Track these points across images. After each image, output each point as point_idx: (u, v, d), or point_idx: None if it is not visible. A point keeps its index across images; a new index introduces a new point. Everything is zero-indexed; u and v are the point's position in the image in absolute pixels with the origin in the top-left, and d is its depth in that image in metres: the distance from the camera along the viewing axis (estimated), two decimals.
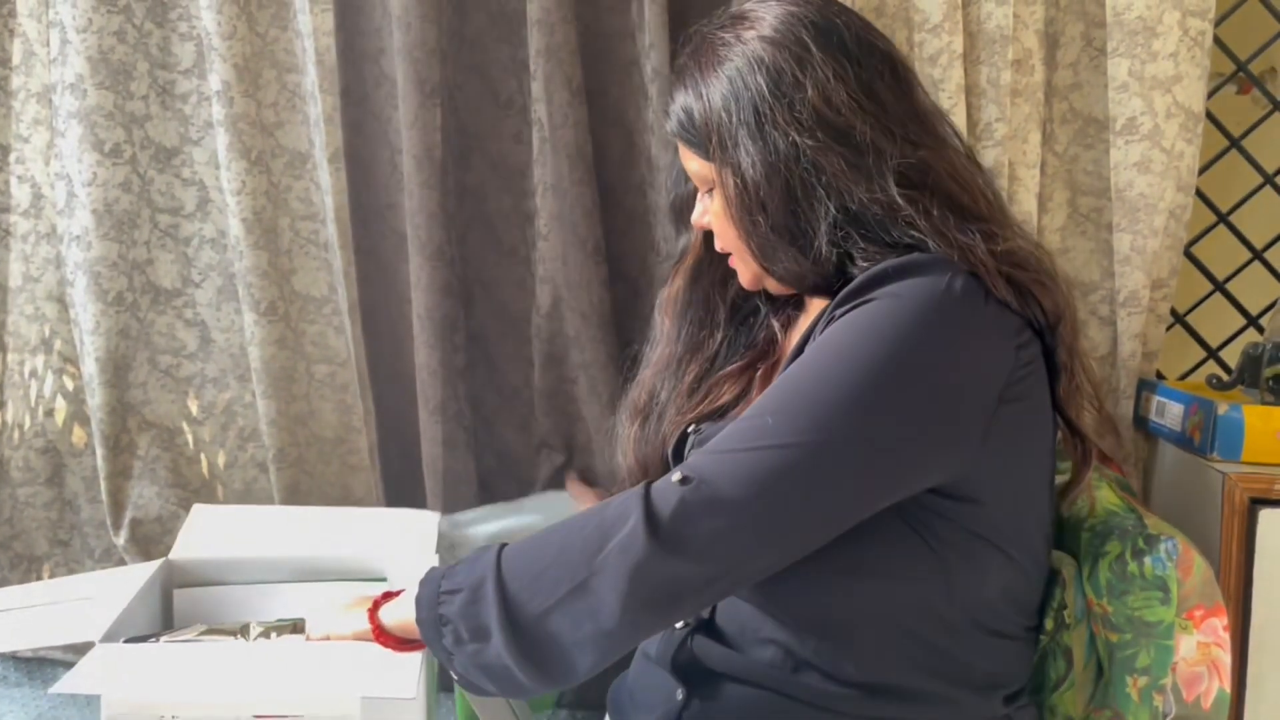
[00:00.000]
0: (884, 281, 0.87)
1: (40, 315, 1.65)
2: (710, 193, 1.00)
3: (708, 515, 0.82)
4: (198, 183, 1.61)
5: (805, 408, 0.84)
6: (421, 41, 1.43)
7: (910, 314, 0.85)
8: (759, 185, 0.92)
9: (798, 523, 0.84)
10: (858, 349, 0.85)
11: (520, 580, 0.85)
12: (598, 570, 0.82)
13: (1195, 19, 1.36)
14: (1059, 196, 1.48)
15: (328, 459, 1.63)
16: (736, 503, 0.82)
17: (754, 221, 0.94)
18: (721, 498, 0.82)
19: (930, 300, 0.85)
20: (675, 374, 1.09)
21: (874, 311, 0.86)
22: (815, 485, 0.83)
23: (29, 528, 1.67)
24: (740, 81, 0.93)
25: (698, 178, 1.01)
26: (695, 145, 0.97)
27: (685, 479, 0.83)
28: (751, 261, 0.99)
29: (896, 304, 0.85)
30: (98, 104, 1.55)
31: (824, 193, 0.91)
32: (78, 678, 0.88)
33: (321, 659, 0.94)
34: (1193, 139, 1.39)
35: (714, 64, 0.95)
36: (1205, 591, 0.94)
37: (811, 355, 0.87)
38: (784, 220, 0.93)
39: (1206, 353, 1.59)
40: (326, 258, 1.60)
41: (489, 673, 0.86)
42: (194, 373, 1.64)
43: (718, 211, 0.98)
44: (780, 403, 0.85)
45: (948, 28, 1.37)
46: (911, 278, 0.86)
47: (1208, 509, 1.22)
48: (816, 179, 0.91)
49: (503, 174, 1.53)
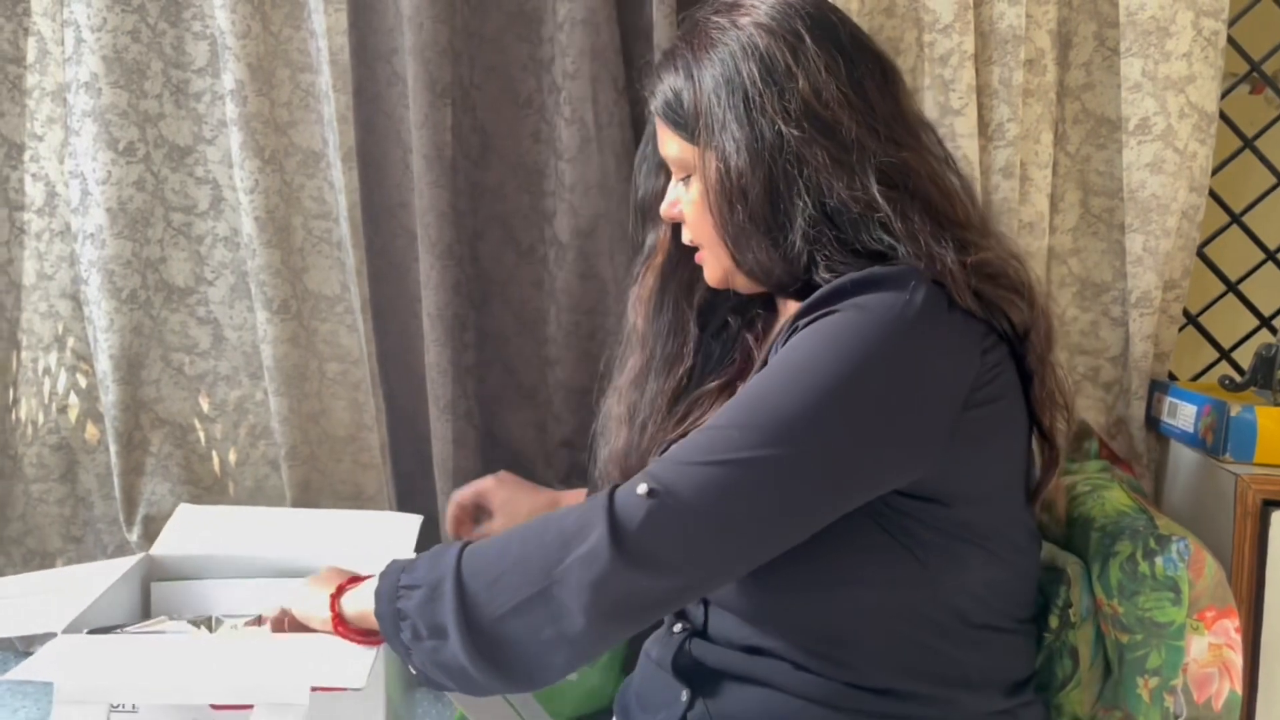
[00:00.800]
0: (846, 295, 0.87)
1: (54, 313, 1.66)
2: (686, 180, 0.99)
3: (674, 529, 0.82)
4: (211, 181, 1.62)
5: (768, 421, 0.83)
6: (433, 41, 1.44)
7: (871, 326, 0.84)
8: (741, 172, 0.92)
9: (763, 533, 0.84)
10: (819, 361, 0.84)
11: (479, 581, 0.85)
12: (559, 580, 0.82)
13: (1209, 19, 1.35)
14: (1071, 197, 1.48)
15: (339, 457, 1.64)
16: (702, 516, 0.82)
17: (732, 208, 0.93)
18: (687, 511, 0.82)
19: (891, 312, 0.85)
20: (653, 384, 1.07)
21: (836, 324, 0.86)
22: (779, 497, 0.83)
23: (42, 524, 1.68)
24: (732, 65, 0.92)
25: (676, 163, 0.99)
26: (680, 127, 0.96)
27: (652, 491, 0.82)
28: (722, 253, 0.97)
29: (858, 316, 0.85)
30: (112, 103, 1.56)
31: (804, 186, 0.91)
32: (32, 665, 0.89)
33: (278, 649, 0.95)
34: (1206, 139, 1.38)
35: (707, 47, 0.94)
36: (1217, 593, 0.93)
37: (774, 367, 0.87)
38: (762, 210, 0.92)
39: (1219, 353, 1.59)
40: (339, 256, 1.61)
41: (446, 670, 0.86)
42: (206, 370, 1.65)
43: (694, 199, 0.97)
44: (744, 415, 0.85)
45: (959, 28, 1.37)
46: (874, 291, 0.86)
47: (1220, 511, 1.22)
48: (799, 171, 0.90)
49: (521, 174, 1.54)
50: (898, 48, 1.43)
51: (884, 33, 1.42)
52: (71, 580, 1.14)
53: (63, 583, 1.14)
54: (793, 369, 0.85)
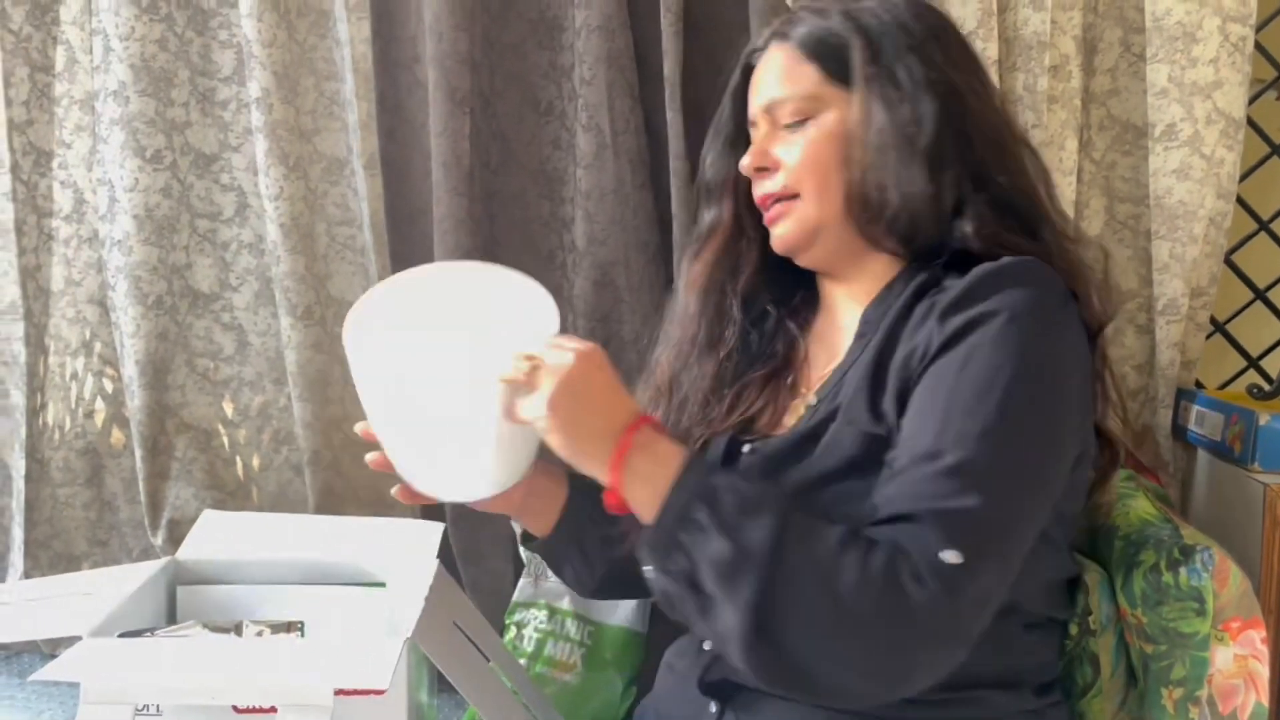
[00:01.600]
0: (993, 288, 0.85)
1: (81, 318, 1.68)
2: (798, 125, 0.97)
3: (984, 600, 0.79)
4: (236, 188, 1.64)
5: (1015, 466, 0.81)
6: (453, 50, 1.45)
7: (1044, 324, 0.85)
8: (913, 115, 0.93)
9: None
10: (1029, 375, 0.83)
11: (791, 601, 0.76)
12: (896, 650, 0.76)
13: (1236, 24, 1.34)
14: (1096, 203, 1.47)
15: (361, 462, 1.63)
16: (1004, 575, 0.80)
17: (895, 146, 0.93)
18: (992, 577, 0.79)
19: (1053, 307, 0.87)
20: (696, 361, 1.06)
21: (1012, 329, 0.84)
22: (1036, 505, 0.84)
23: (68, 527, 1.69)
24: (903, 16, 0.97)
25: (799, 101, 0.97)
26: (826, 61, 0.96)
27: (967, 566, 0.76)
28: (834, 198, 0.95)
29: (1029, 317, 0.84)
30: (139, 111, 1.57)
31: (970, 141, 0.94)
32: (58, 666, 0.89)
33: (300, 651, 0.95)
34: (1233, 145, 1.37)
35: (864, 3, 0.99)
36: (1242, 603, 0.92)
37: (980, 396, 0.82)
38: (928, 151, 0.92)
39: (1247, 361, 1.57)
40: (362, 262, 1.62)
41: (708, 629, 0.79)
42: (231, 376, 1.66)
43: (816, 139, 0.96)
44: (988, 464, 0.80)
45: (982, 34, 1.36)
46: (1027, 286, 0.86)
47: (1248, 521, 1.21)
48: (965, 124, 0.94)
49: (541, 181, 1.54)
50: None
51: None
52: (97, 584, 1.15)
53: (89, 586, 1.15)
54: (998, 380, 0.82)
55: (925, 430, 0.82)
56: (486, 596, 1.53)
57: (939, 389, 0.84)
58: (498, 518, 1.54)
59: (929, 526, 0.76)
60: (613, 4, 1.42)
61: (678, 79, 1.42)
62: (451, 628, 1.11)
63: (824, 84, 0.96)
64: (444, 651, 1.01)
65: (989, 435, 0.79)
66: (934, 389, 0.84)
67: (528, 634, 1.44)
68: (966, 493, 0.77)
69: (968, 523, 0.77)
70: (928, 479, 0.79)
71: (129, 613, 1.07)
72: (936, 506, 0.77)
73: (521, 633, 1.44)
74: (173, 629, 1.07)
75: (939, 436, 0.80)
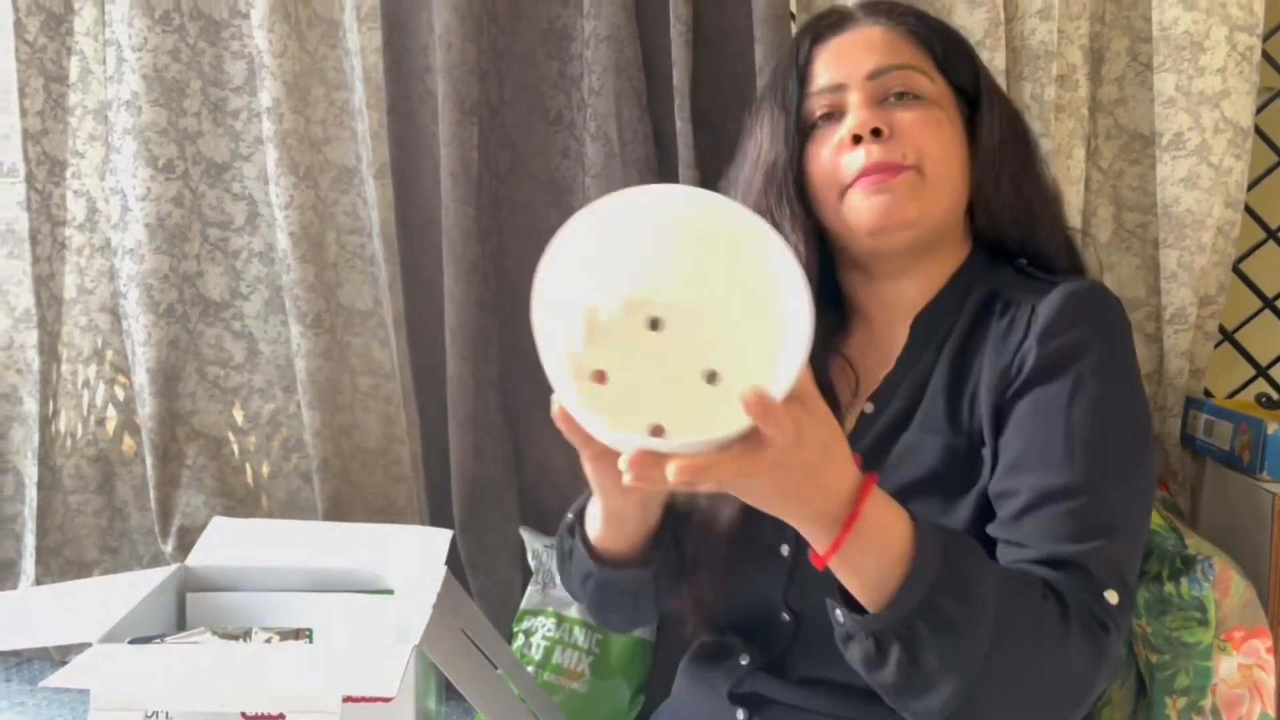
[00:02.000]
0: (1085, 316, 0.89)
1: (93, 326, 1.69)
2: (915, 99, 0.95)
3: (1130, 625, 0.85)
4: (247, 197, 1.65)
5: (1137, 497, 0.86)
6: (461, 60, 1.46)
7: (1132, 354, 0.91)
8: (1014, 129, 0.99)
9: None
10: (1133, 404, 0.88)
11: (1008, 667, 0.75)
12: (1072, 684, 0.78)
13: (1243, 34, 1.34)
14: (1104, 212, 1.47)
15: (371, 469, 1.65)
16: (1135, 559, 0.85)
17: (1013, 150, 0.98)
18: (1132, 602, 0.84)
19: (1129, 331, 0.92)
20: None
21: (1120, 360, 0.89)
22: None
23: (79, 534, 1.70)
24: (968, 45, 1.03)
25: (913, 74, 0.95)
26: (933, 48, 0.98)
27: (1121, 603, 0.81)
28: (954, 189, 0.96)
29: (1121, 340, 0.90)
30: (152, 120, 1.59)
31: (1037, 170, 1.00)
32: (68, 673, 0.90)
33: (308, 658, 0.95)
34: (1241, 154, 1.37)
35: (945, 21, 1.04)
36: (1245, 613, 0.92)
37: (1099, 430, 0.85)
38: (1034, 159, 1.01)
39: (1256, 370, 1.57)
40: (372, 271, 1.62)
41: (903, 695, 0.76)
42: (241, 383, 1.67)
43: (944, 121, 0.95)
44: (1121, 500, 0.84)
45: (989, 44, 1.37)
46: (1109, 313, 0.91)
47: (1257, 530, 1.20)
48: (1034, 142, 1.02)
49: (551, 190, 1.55)
50: None
51: None
52: (108, 590, 1.16)
53: (99, 593, 1.16)
54: (1110, 413, 0.86)
55: (1049, 464, 0.83)
56: (494, 604, 1.54)
57: (1054, 420, 0.85)
58: (505, 524, 1.55)
59: (1090, 572, 0.79)
60: (621, 14, 1.43)
61: (687, 88, 1.42)
62: (459, 635, 1.11)
63: (935, 70, 0.97)
64: (452, 659, 1.01)
65: (1115, 471, 0.84)
66: (1047, 420, 0.85)
67: (535, 641, 1.44)
68: (1111, 534, 0.81)
69: (1117, 562, 0.81)
70: (1070, 518, 0.81)
71: (139, 619, 1.08)
72: (1091, 550, 0.80)
73: (529, 640, 1.45)
74: (182, 635, 1.08)
75: (1067, 472, 0.83)
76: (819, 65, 0.97)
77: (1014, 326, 0.89)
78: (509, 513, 1.56)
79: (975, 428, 0.89)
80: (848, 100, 0.95)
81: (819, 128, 0.97)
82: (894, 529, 0.73)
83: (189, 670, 0.93)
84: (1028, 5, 1.38)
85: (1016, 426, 0.86)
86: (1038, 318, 0.88)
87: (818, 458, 0.68)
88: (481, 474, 1.53)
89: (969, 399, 0.90)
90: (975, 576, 0.74)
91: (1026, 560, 0.80)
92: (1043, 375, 0.86)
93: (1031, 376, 0.86)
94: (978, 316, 0.93)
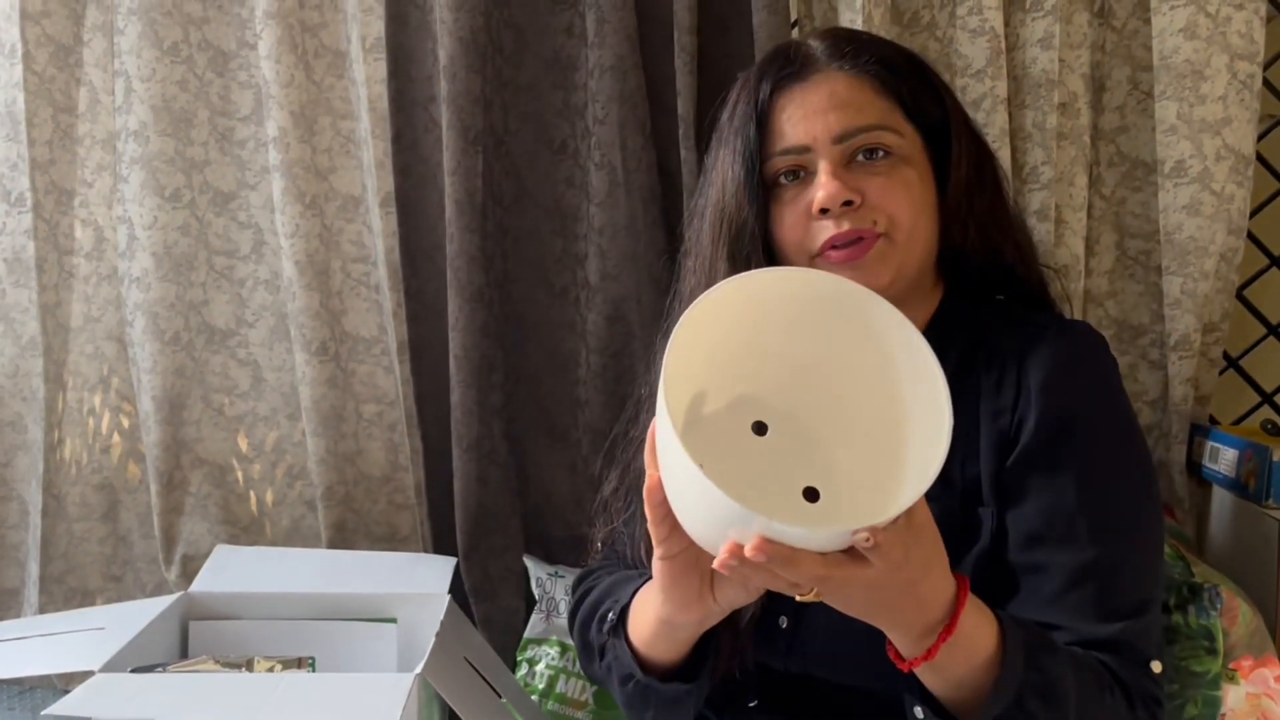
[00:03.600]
0: (1089, 355, 0.90)
1: (100, 354, 1.70)
2: (884, 156, 0.91)
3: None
4: (253, 226, 1.66)
5: (1158, 556, 0.88)
6: (466, 90, 1.47)
7: (1124, 394, 0.92)
8: (983, 161, 0.97)
9: None
10: (1144, 460, 0.89)
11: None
12: None
13: (1244, 62, 1.35)
14: (1106, 239, 1.47)
15: (375, 497, 1.65)
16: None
17: (980, 189, 0.96)
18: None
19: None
20: None
21: (1110, 390, 0.90)
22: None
23: (83, 562, 1.70)
24: (935, 76, 0.99)
25: (881, 132, 0.91)
26: (899, 93, 0.93)
27: (1163, 669, 0.83)
28: (924, 242, 0.93)
29: (1115, 375, 0.91)
30: (160, 150, 1.60)
31: (1005, 209, 0.99)
32: (71, 701, 0.90)
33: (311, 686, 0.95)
34: (1243, 181, 1.37)
35: (904, 53, 0.99)
36: (1254, 641, 0.92)
37: (1119, 495, 0.86)
38: (996, 198, 0.98)
39: (1261, 397, 1.56)
40: (377, 299, 1.63)
41: None
42: (245, 411, 1.67)
43: (913, 179, 0.92)
44: (1149, 566, 0.86)
45: (991, 73, 1.37)
46: (1107, 356, 0.91)
47: (1263, 557, 1.20)
48: (1003, 179, 1.00)
49: (555, 218, 1.55)
50: None
51: None
52: (111, 618, 1.16)
53: (102, 621, 1.16)
54: (1121, 471, 0.87)
55: (1073, 539, 0.83)
56: (498, 633, 1.53)
57: (1066, 488, 0.85)
58: (508, 553, 1.55)
59: (1135, 648, 0.81)
60: (626, 44, 1.44)
61: (692, 117, 1.43)
62: (463, 664, 1.11)
63: (903, 119, 0.93)
64: (455, 687, 1.01)
65: (1136, 534, 0.85)
66: (1060, 488, 0.85)
67: (539, 670, 1.43)
68: (1145, 606, 0.82)
69: (1153, 629, 0.82)
70: (1107, 597, 0.82)
71: (141, 648, 1.08)
72: (1131, 627, 0.81)
73: (533, 669, 1.44)
74: (184, 664, 1.08)
75: (1093, 545, 0.82)
76: (782, 119, 0.93)
77: (1004, 381, 0.88)
78: (513, 541, 1.55)
79: (969, 487, 0.87)
80: (814, 164, 0.92)
81: (783, 185, 0.94)
82: (983, 633, 0.73)
83: (191, 699, 0.93)
84: (1029, 34, 1.39)
85: (1028, 496, 0.84)
86: (1029, 372, 0.87)
87: (918, 574, 0.67)
88: (485, 502, 1.52)
89: (960, 458, 0.87)
90: (1057, 674, 0.75)
91: (1070, 642, 0.81)
92: (1048, 439, 0.85)
93: (1035, 441, 0.85)
94: (962, 366, 0.90)
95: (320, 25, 1.60)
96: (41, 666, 1.09)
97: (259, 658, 1.11)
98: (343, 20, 1.59)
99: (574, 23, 1.51)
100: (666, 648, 0.85)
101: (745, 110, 0.95)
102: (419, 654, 1.01)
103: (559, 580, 1.49)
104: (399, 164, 1.56)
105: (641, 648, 0.87)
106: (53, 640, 1.11)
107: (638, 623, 0.87)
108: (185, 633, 1.22)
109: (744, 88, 0.97)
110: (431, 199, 1.58)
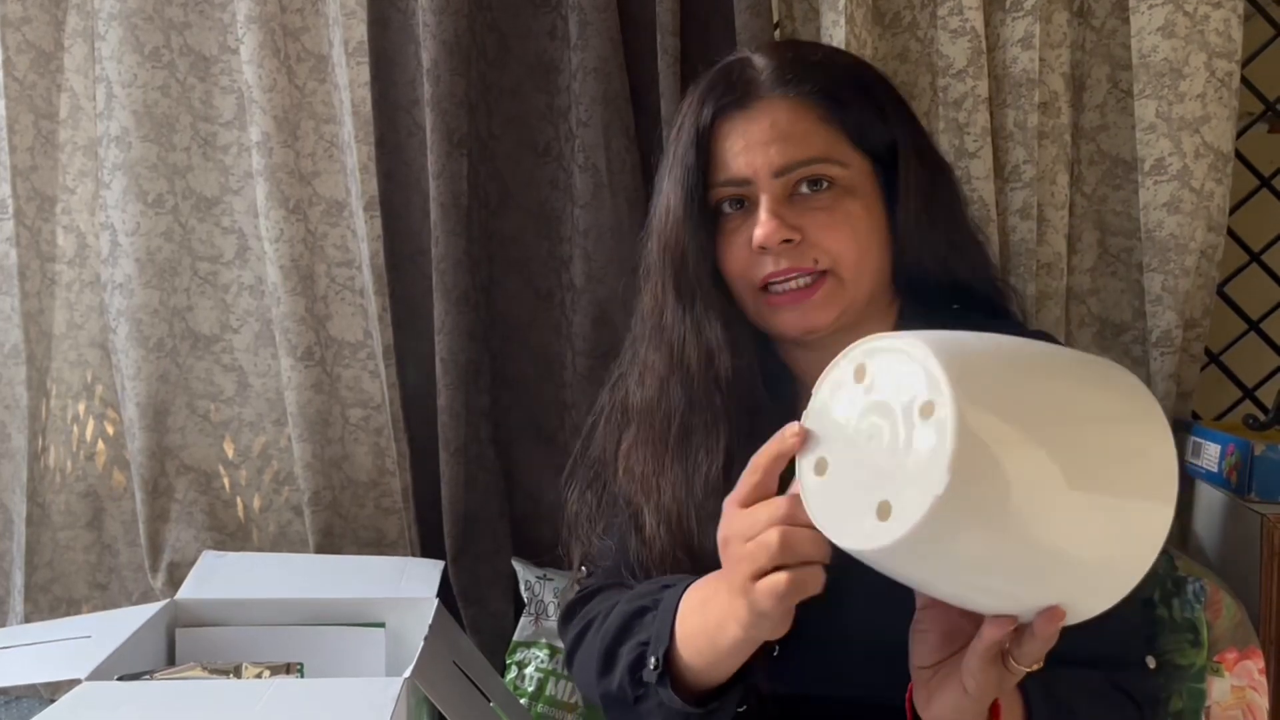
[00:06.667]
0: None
1: (83, 361, 1.69)
2: (828, 188, 0.90)
3: None
4: (237, 231, 1.65)
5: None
6: (450, 94, 1.47)
7: None
8: (935, 174, 0.95)
9: None
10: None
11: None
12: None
13: (1222, 60, 1.36)
14: (1088, 237, 1.48)
15: (362, 502, 1.65)
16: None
17: (930, 208, 0.93)
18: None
19: None
20: (703, 462, 0.95)
21: None
22: None
23: (69, 571, 1.69)
24: (886, 84, 0.98)
25: (824, 165, 0.90)
26: (843, 120, 0.91)
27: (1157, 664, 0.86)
28: (871, 275, 0.92)
29: None
30: (142, 156, 1.59)
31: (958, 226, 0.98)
32: (56, 711, 0.90)
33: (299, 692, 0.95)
34: (1222, 179, 1.39)
35: (851, 64, 0.98)
36: (1237, 634, 0.93)
37: None
38: (956, 213, 0.98)
39: (1243, 392, 1.58)
40: (362, 303, 1.63)
41: None
42: (231, 417, 1.67)
43: (857, 212, 0.90)
44: None
45: (972, 72, 1.38)
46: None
47: (1247, 551, 1.20)
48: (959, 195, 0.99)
49: (540, 221, 1.55)
50: (912, 92, 1.44)
51: (898, 78, 1.44)
52: (97, 626, 1.15)
53: (88, 629, 1.15)
54: None
55: None
56: (487, 636, 1.53)
57: None
58: (497, 556, 1.55)
59: (1130, 652, 0.82)
60: (609, 46, 1.45)
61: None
62: (451, 667, 1.11)
63: (849, 148, 0.91)
64: (443, 691, 1.01)
65: None
66: None
67: (529, 674, 1.43)
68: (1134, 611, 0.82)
69: (1141, 627, 0.86)
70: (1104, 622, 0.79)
71: (128, 656, 1.07)
72: (1126, 657, 0.82)
73: (523, 672, 1.44)
74: (171, 671, 1.08)
75: None
76: (725, 147, 0.92)
77: None
78: (501, 544, 1.55)
79: None
80: (755, 196, 0.91)
81: (728, 215, 0.93)
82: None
83: (178, 706, 0.93)
84: (1009, 34, 1.40)
85: None
86: None
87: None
88: (473, 505, 1.52)
89: None
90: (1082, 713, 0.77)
91: (1067, 660, 0.80)
92: None
93: None
94: None
95: (302, 29, 1.59)
96: (27, 676, 1.08)
97: (247, 664, 1.11)
98: (325, 24, 1.59)
99: (556, 25, 1.51)
100: (730, 665, 0.82)
101: (688, 137, 0.94)
102: (408, 658, 1.01)
103: (548, 583, 1.49)
104: (383, 168, 1.56)
105: (692, 679, 0.83)
106: (38, 649, 1.11)
107: (688, 651, 0.83)
108: (172, 640, 1.21)
109: (689, 110, 0.96)
110: (416, 203, 1.58)
